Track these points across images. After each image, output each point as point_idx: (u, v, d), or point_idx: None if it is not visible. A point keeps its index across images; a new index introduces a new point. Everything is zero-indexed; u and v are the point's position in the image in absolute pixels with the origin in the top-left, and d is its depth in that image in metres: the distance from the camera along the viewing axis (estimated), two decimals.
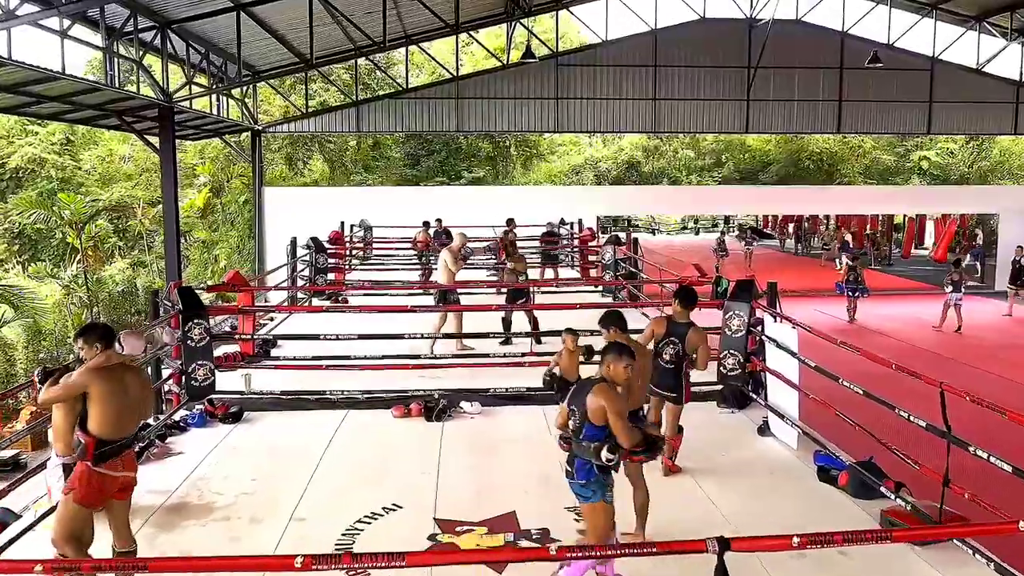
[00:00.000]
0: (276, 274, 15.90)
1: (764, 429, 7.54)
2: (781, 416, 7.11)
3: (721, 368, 8.02)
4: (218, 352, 9.70)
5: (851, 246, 26.71)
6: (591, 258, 16.43)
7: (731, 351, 7.96)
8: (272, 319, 13.31)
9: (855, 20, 22.95)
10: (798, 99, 23.01)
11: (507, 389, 8.13)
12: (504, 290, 11.07)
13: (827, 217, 34.03)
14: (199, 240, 23.25)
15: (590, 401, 4.23)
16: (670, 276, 11.25)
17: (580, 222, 21.04)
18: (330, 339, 8.20)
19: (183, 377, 7.84)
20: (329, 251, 15.63)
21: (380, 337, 8.33)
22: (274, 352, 10.00)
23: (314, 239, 14.66)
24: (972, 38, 23.36)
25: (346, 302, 14.81)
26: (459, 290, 10.40)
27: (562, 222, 20.88)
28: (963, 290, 17.71)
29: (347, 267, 17.06)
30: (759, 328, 7.91)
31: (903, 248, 29.86)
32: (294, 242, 15.06)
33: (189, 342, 7.77)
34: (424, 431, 7.66)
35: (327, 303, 14.47)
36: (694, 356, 6.04)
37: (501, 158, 30.26)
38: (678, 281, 9.66)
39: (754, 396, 7.98)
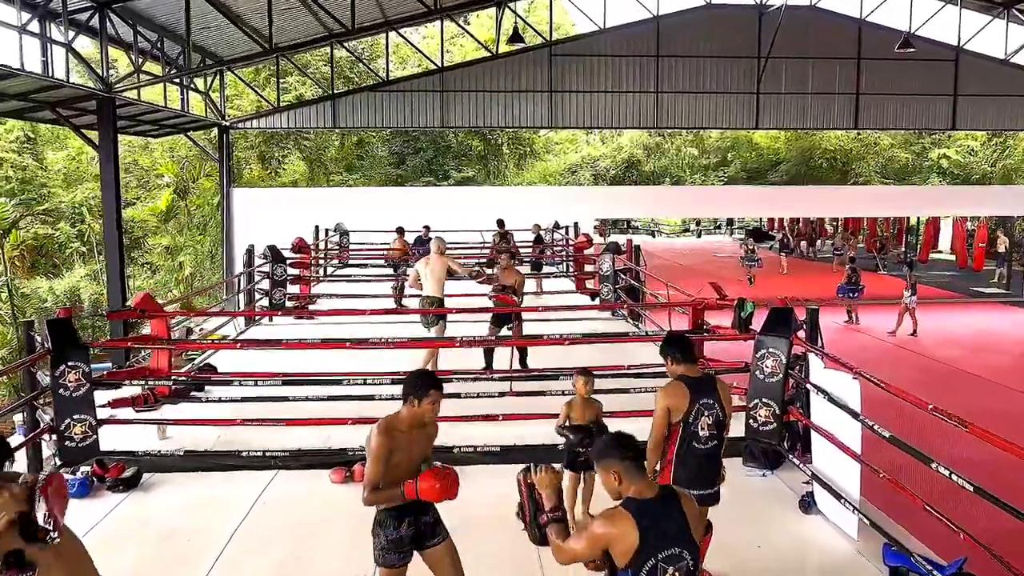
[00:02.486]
0: (233, 287, 14.18)
1: (808, 503, 5.77)
2: (835, 493, 5.33)
3: (751, 420, 6.26)
4: (134, 390, 7.94)
5: (790, 244, 25.22)
6: (587, 267, 14.63)
7: (764, 399, 6.19)
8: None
9: (874, 6, 21.22)
10: (812, 92, 21.32)
11: (475, 449, 6.36)
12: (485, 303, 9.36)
13: (835, 219, 32.30)
14: (162, 246, 21.40)
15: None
16: (680, 294, 9.46)
17: (576, 226, 19.30)
18: (247, 385, 6.41)
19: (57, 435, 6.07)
20: (292, 261, 13.85)
21: (312, 383, 6.54)
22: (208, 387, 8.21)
23: (271, 247, 12.88)
24: (1000, 27, 21.63)
25: (312, 317, 13.17)
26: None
27: (556, 226, 19.14)
28: (915, 292, 17.16)
29: (316, 278, 15.30)
30: (799, 371, 6.16)
31: (920, 251, 28.04)
32: (250, 251, 13.27)
33: (62, 391, 6.00)
34: None
35: (289, 321, 12.81)
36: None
37: (493, 157, 28.44)
38: (692, 303, 7.88)
39: (791, 457, 6.22)
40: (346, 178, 25.78)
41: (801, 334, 6.46)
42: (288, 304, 13.66)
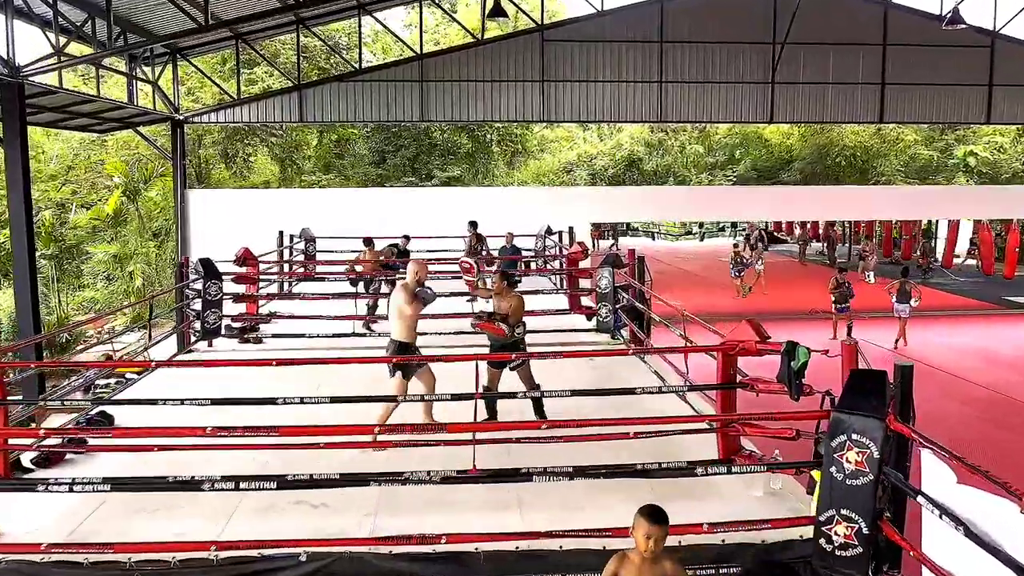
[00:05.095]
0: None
1: None
2: None
3: (822, 540, 4.18)
4: None
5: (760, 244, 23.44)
6: (582, 282, 12.50)
7: (843, 511, 4.10)
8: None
9: None
10: (832, 82, 19.26)
11: (431, 555, 4.29)
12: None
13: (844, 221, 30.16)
14: (111, 254, 19.20)
15: None
16: (698, 325, 7.34)
17: (571, 231, 17.20)
18: (65, 486, 4.30)
19: None
20: (236, 276, 11.76)
21: (162, 486, 4.45)
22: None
23: (203, 261, 10.76)
24: None
25: (260, 342, 11.11)
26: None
27: (549, 231, 17.01)
28: (912, 302, 15.68)
29: (267, 296, 13.19)
30: (894, 470, 4.08)
31: (944, 256, 25.89)
32: (182, 265, 11.18)
33: None
34: None
35: (232, 346, 10.82)
36: None
37: (481, 155, 26.23)
38: (723, 347, 5.78)
39: None
40: (319, 178, 23.60)
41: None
42: (235, 326, 11.65)
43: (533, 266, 15.61)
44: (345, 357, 6.54)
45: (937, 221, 29.12)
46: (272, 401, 5.53)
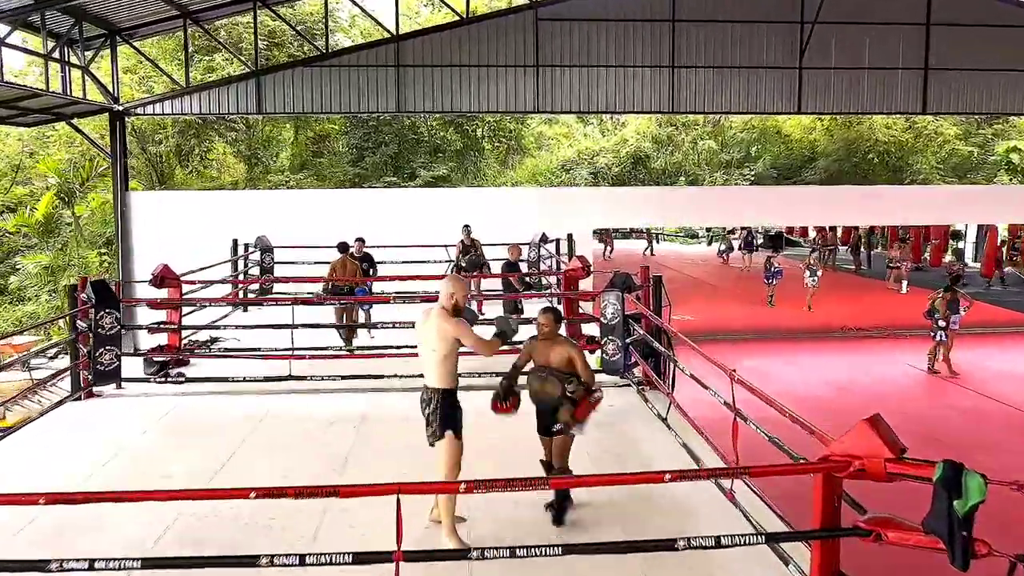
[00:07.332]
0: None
1: None
2: None
3: None
4: None
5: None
6: (582, 306, 10.11)
7: None
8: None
9: None
10: (869, 67, 16.92)
11: None
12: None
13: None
14: (41, 265, 16.78)
15: None
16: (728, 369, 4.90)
17: (569, 239, 14.84)
18: None
19: None
20: (147, 301, 9.44)
21: None
22: None
23: (96, 284, 8.39)
24: None
25: (182, 382, 8.80)
26: None
27: (544, 239, 14.62)
28: (960, 312, 14.33)
29: (193, 326, 10.85)
30: None
31: (984, 265, 23.41)
32: (74, 289, 8.79)
33: None
34: None
35: (141, 391, 8.63)
36: None
37: (472, 152, 23.80)
38: (826, 466, 3.38)
39: None
40: (288, 178, 21.16)
41: None
42: (156, 359, 9.30)
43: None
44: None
45: (966, 225, 26.84)
46: (40, 567, 3.17)
